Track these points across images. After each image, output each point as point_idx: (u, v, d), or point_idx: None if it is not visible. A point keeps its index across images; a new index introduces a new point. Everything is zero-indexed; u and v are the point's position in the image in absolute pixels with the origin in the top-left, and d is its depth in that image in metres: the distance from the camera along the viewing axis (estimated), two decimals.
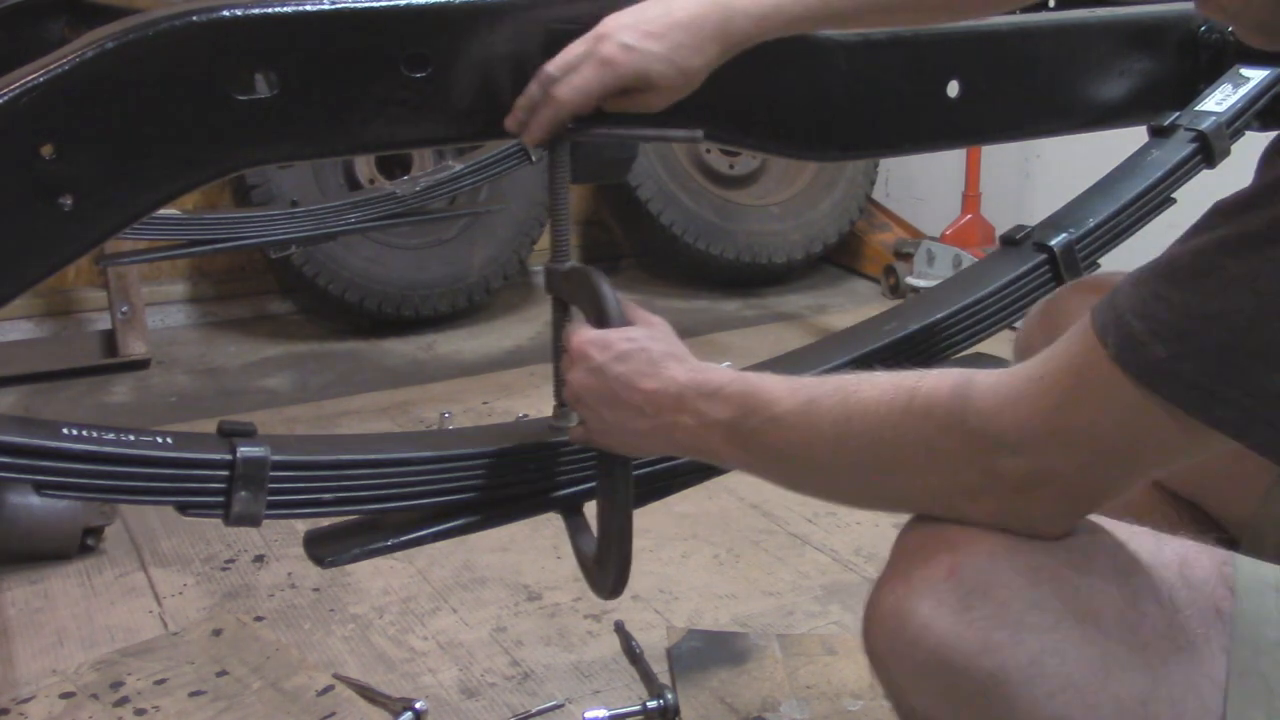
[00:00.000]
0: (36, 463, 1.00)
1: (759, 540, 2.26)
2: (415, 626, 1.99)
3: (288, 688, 1.77)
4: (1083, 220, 1.48)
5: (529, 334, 3.62)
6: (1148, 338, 0.80)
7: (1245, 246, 0.77)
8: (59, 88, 1.03)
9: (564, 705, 1.76)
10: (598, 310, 1.14)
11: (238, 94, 1.11)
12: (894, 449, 0.90)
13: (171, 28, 1.07)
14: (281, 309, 3.87)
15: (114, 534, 2.29)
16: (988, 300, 1.44)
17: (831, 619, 1.97)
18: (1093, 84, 1.60)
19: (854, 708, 1.69)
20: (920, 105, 1.49)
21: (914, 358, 1.39)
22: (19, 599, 2.08)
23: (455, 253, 3.61)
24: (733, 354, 3.28)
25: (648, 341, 1.09)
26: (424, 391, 3.13)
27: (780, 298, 3.94)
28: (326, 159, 3.01)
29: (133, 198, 1.10)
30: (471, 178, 2.79)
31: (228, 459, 1.08)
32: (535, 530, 2.23)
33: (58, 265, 1.09)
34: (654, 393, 1.05)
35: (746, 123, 1.39)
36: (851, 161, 3.91)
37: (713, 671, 1.77)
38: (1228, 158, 1.54)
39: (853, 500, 1.01)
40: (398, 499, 1.19)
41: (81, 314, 3.64)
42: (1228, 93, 1.58)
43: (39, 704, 1.75)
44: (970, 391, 0.88)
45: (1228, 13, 0.84)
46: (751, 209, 3.97)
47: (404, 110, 1.18)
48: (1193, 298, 0.79)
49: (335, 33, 1.14)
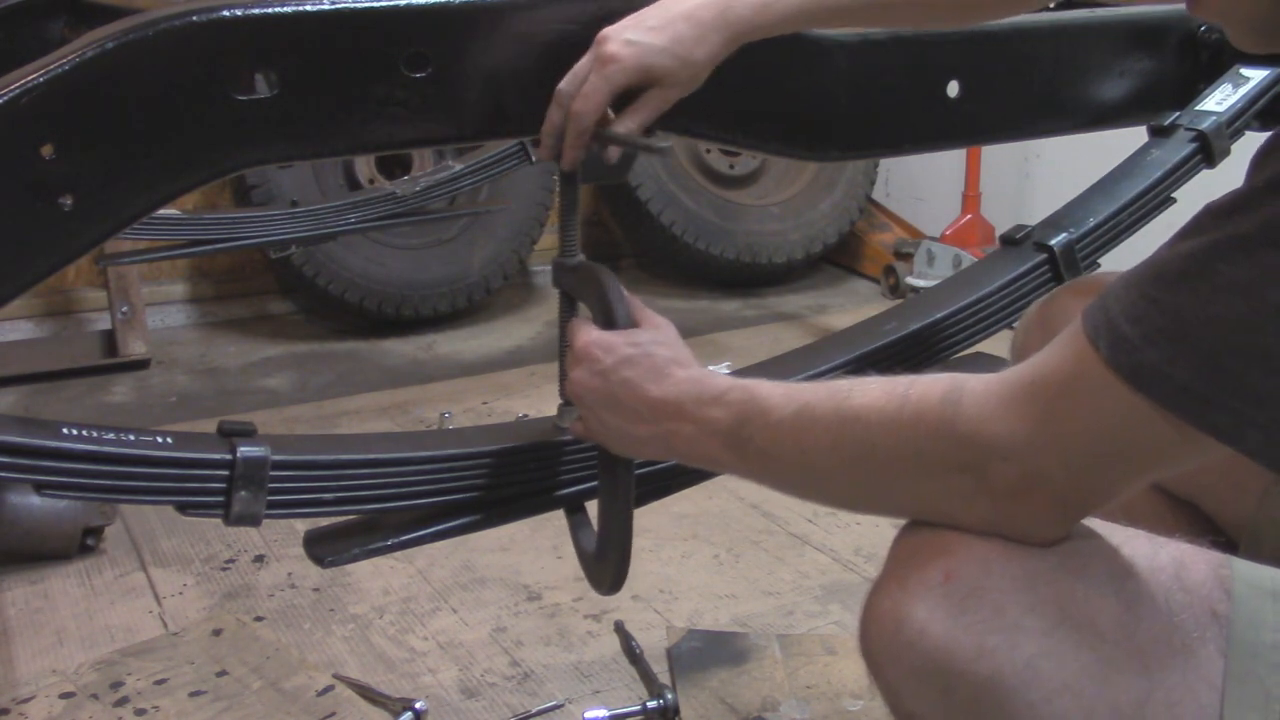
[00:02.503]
0: (36, 463, 1.00)
1: (759, 540, 2.26)
2: (415, 626, 1.99)
3: (288, 688, 1.77)
4: (1083, 220, 1.48)
5: (529, 334, 3.62)
6: (1140, 340, 0.79)
7: (1237, 249, 0.77)
8: (59, 88, 1.03)
9: (564, 705, 1.76)
10: (605, 310, 1.14)
11: (237, 94, 1.11)
12: (886, 455, 0.90)
13: (171, 28, 1.07)
14: (281, 309, 3.87)
15: (114, 534, 2.29)
16: (988, 300, 1.44)
17: (831, 619, 1.97)
18: (1093, 84, 1.60)
19: (854, 708, 1.69)
20: (920, 105, 1.50)
21: (914, 358, 1.39)
22: (19, 599, 2.09)
23: (455, 253, 3.61)
24: (733, 354, 3.28)
25: (653, 347, 1.08)
26: (424, 391, 3.13)
27: (780, 298, 3.94)
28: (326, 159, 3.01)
29: (133, 198, 1.10)
30: (471, 178, 2.80)
31: (228, 459, 1.08)
32: (535, 530, 2.23)
33: (58, 265, 1.09)
34: (656, 399, 1.05)
35: (746, 123, 1.39)
36: (851, 161, 3.92)
37: (713, 671, 1.77)
38: (1227, 158, 1.55)
39: (847, 505, 1.01)
40: (398, 499, 1.19)
41: (81, 314, 3.64)
42: (1228, 93, 1.58)
43: (39, 704, 1.75)
44: (960, 397, 0.87)
45: (1219, 15, 0.83)
46: (751, 209, 3.97)
47: (404, 110, 1.18)
48: (1184, 301, 0.78)
49: (335, 33, 1.14)
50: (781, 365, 1.39)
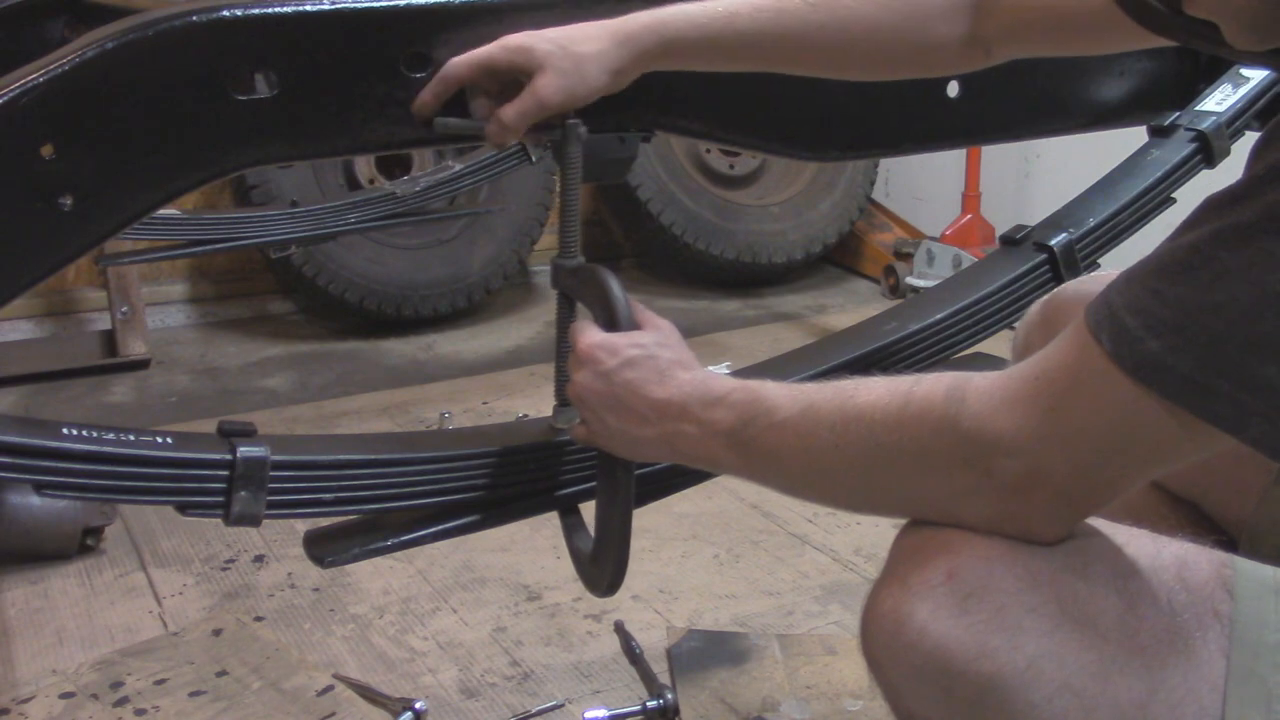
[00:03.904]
0: (36, 463, 1.00)
1: (759, 540, 2.26)
2: (415, 626, 1.99)
3: (288, 688, 1.77)
4: (1083, 220, 1.48)
5: (529, 334, 3.62)
6: (1142, 332, 0.79)
7: (1238, 238, 0.77)
8: (59, 88, 1.03)
9: (564, 705, 1.76)
10: (607, 312, 1.13)
11: (237, 94, 1.11)
12: (890, 453, 0.90)
13: (171, 28, 1.07)
14: (281, 309, 3.87)
15: (114, 534, 2.29)
16: (988, 300, 1.44)
17: (831, 619, 1.97)
18: (1093, 84, 1.60)
19: (854, 708, 1.68)
20: (920, 105, 1.50)
21: (914, 358, 1.39)
22: (19, 599, 2.09)
23: (455, 253, 3.61)
24: (733, 354, 3.29)
25: (656, 349, 1.08)
26: (424, 391, 3.13)
27: (780, 298, 3.94)
28: (326, 159, 3.01)
29: (133, 198, 1.10)
30: (471, 178, 2.80)
31: (228, 459, 1.08)
32: (535, 530, 2.23)
33: (58, 265, 1.09)
34: (660, 401, 1.05)
35: (747, 123, 1.39)
36: (851, 161, 3.92)
37: (713, 671, 1.77)
38: (1227, 158, 1.55)
39: (851, 505, 1.01)
40: (398, 499, 1.19)
41: (81, 314, 3.64)
42: (1227, 93, 1.58)
43: (39, 704, 1.75)
44: (965, 394, 0.87)
45: (1214, 12, 0.83)
46: (751, 209, 3.97)
47: (404, 110, 1.18)
48: (1186, 291, 0.78)
49: (335, 33, 1.14)
50: (782, 365, 1.39)
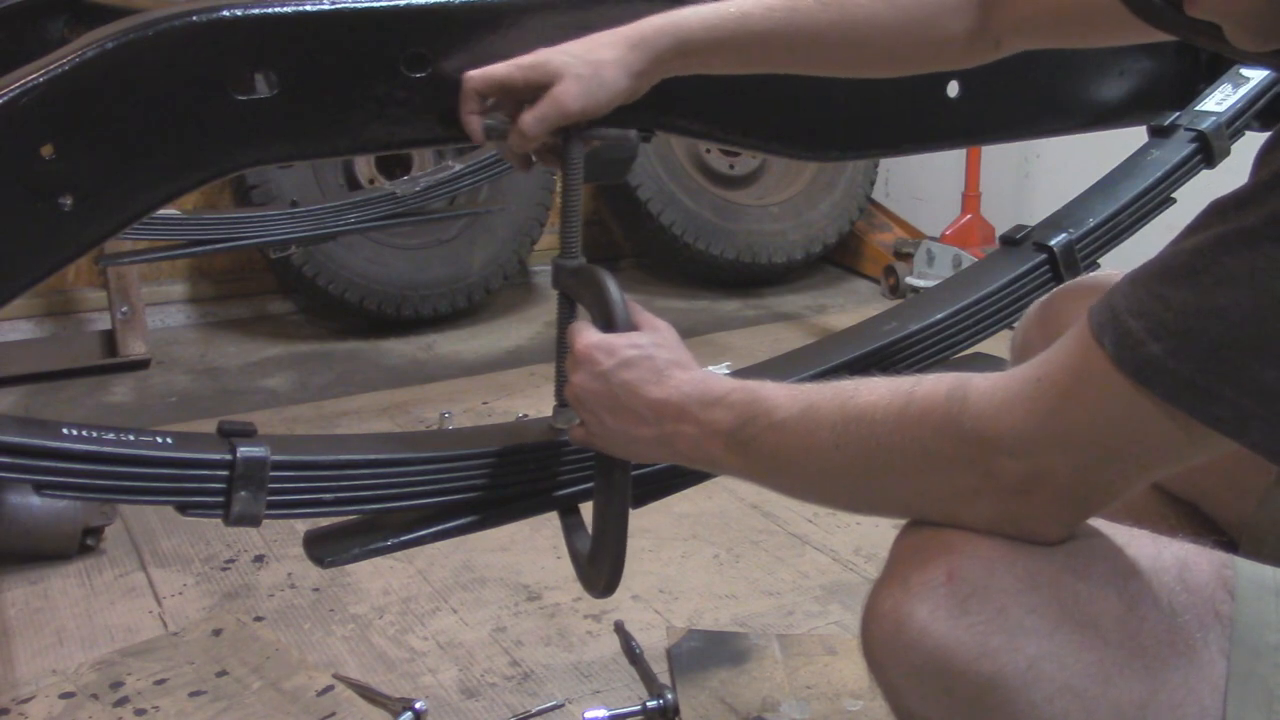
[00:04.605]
0: (36, 463, 1.01)
1: (759, 540, 2.26)
2: (415, 626, 1.99)
3: (288, 688, 1.77)
4: (1083, 220, 1.48)
5: (529, 334, 3.62)
6: (1144, 336, 0.79)
7: (1242, 243, 0.77)
8: (59, 88, 1.03)
9: (564, 705, 1.76)
10: (604, 313, 1.13)
11: (237, 94, 1.11)
12: (890, 453, 0.90)
13: (171, 28, 1.07)
14: (281, 309, 3.87)
15: (114, 534, 2.29)
16: (988, 300, 1.44)
17: (831, 619, 1.97)
18: (1092, 84, 1.60)
19: (854, 708, 1.68)
20: (920, 105, 1.50)
21: (914, 358, 1.39)
22: (19, 599, 2.08)
23: (455, 253, 3.61)
24: (733, 354, 3.28)
25: (653, 349, 1.08)
26: (424, 391, 3.13)
27: (780, 298, 3.94)
28: (326, 159, 3.01)
29: (133, 198, 1.11)
30: (471, 178, 2.80)
31: (228, 459, 1.08)
32: (535, 530, 2.23)
33: (58, 265, 1.09)
34: (658, 402, 1.05)
35: (747, 123, 1.39)
36: (851, 161, 3.92)
37: (713, 671, 1.77)
38: (1227, 157, 1.55)
39: (851, 506, 1.01)
40: (398, 499, 1.19)
41: (81, 314, 3.64)
42: (1227, 93, 1.58)
43: (39, 704, 1.75)
44: (966, 394, 0.87)
45: (1216, 13, 0.83)
46: (751, 209, 3.97)
47: (404, 110, 1.18)
48: (1189, 295, 0.78)
49: (335, 33, 1.14)
50: (782, 365, 1.39)
